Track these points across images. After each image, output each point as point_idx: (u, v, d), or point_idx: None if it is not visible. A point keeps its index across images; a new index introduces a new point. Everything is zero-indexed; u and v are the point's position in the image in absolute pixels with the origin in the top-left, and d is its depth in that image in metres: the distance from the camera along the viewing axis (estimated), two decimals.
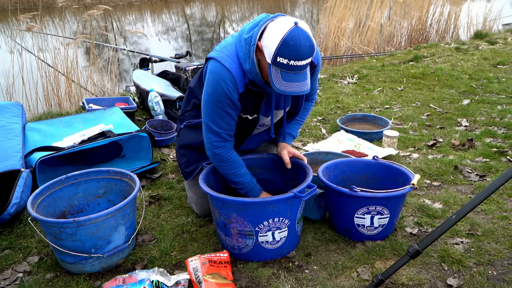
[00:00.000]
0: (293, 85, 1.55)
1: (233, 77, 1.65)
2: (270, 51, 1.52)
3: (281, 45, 1.48)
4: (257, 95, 1.74)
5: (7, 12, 7.14)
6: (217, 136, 1.77)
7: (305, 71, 1.57)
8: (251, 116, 1.81)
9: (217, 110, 1.71)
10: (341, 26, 6.56)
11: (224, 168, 1.84)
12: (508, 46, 6.24)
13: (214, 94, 1.68)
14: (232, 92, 1.67)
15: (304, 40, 1.48)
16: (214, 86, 1.67)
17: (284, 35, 1.48)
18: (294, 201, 1.69)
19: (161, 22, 12.77)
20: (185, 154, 2.06)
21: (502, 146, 2.85)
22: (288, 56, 1.49)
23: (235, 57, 1.67)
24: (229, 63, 1.65)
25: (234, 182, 1.86)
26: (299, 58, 1.49)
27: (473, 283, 1.62)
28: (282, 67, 1.51)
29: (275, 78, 1.54)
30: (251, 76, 1.65)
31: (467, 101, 3.87)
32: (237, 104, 1.72)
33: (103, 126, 2.72)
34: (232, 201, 1.66)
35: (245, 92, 1.70)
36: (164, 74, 3.91)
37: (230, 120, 1.76)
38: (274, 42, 1.50)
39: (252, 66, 1.62)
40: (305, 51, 1.49)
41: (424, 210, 2.13)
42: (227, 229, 1.74)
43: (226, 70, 1.65)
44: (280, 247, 1.77)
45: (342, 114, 3.57)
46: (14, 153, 2.31)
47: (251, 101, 1.75)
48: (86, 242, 1.64)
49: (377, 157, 2.09)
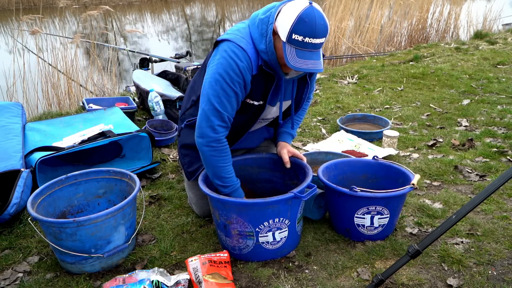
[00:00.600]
0: (307, 62, 1.55)
1: (249, 57, 1.65)
2: (285, 29, 1.53)
3: (297, 21, 1.50)
4: (268, 78, 1.73)
5: (7, 12, 7.14)
6: (220, 118, 1.71)
7: (318, 51, 1.58)
8: (257, 102, 1.79)
9: (227, 89, 1.67)
10: (341, 26, 6.56)
11: (216, 159, 1.75)
12: (508, 46, 6.24)
13: (227, 72, 1.65)
14: (247, 71, 1.66)
15: (319, 18, 1.51)
16: (228, 64, 1.64)
17: (300, 12, 1.50)
18: (294, 202, 1.69)
19: (161, 22, 12.78)
20: (188, 154, 2.04)
21: (502, 146, 2.85)
22: (304, 33, 1.50)
23: (249, 39, 1.67)
24: (244, 44, 1.65)
25: (221, 178, 1.78)
26: (314, 35, 1.51)
27: (473, 283, 1.62)
28: (297, 44, 1.52)
29: (290, 55, 1.54)
30: (266, 56, 1.65)
31: (467, 101, 3.87)
32: (248, 86, 1.70)
33: (103, 126, 2.72)
34: (232, 202, 1.66)
35: (257, 75, 1.70)
36: (164, 74, 3.91)
37: (235, 103, 1.72)
38: (290, 19, 1.51)
39: (269, 46, 1.62)
40: (320, 29, 1.51)
41: (424, 210, 2.13)
42: (227, 230, 1.74)
43: (242, 50, 1.64)
44: (280, 247, 1.77)
45: (342, 114, 3.57)
46: (14, 153, 2.31)
47: (262, 85, 1.74)
48: (86, 242, 1.64)
49: (377, 157, 2.09)
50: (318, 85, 4.61)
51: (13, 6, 10.60)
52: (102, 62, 5.06)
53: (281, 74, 1.73)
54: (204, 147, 1.74)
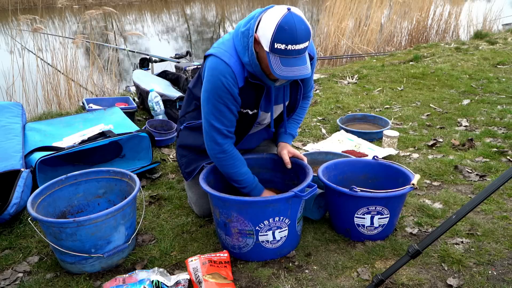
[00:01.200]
0: (293, 69, 1.55)
1: (232, 71, 1.65)
2: (267, 39, 1.52)
3: (277, 30, 1.49)
4: (257, 88, 1.74)
5: (7, 12, 7.14)
6: (219, 133, 1.77)
7: (303, 56, 1.57)
8: (251, 111, 1.80)
9: (218, 106, 1.71)
10: (341, 26, 6.56)
11: (226, 167, 1.83)
12: (508, 46, 6.24)
13: (214, 90, 1.68)
14: (232, 87, 1.67)
15: (299, 23, 1.49)
16: (214, 82, 1.67)
17: (279, 21, 1.49)
18: (294, 201, 1.69)
19: (161, 22, 12.77)
20: (185, 155, 2.06)
21: (502, 146, 2.85)
22: (285, 41, 1.49)
23: (234, 52, 1.68)
24: (227, 58, 1.66)
25: (237, 181, 1.85)
26: (296, 41, 1.50)
27: (473, 283, 1.62)
28: (280, 53, 1.52)
29: (275, 65, 1.54)
30: (251, 68, 1.66)
31: (467, 101, 3.87)
32: (237, 99, 1.72)
33: (103, 126, 2.71)
34: (232, 200, 1.66)
35: (245, 86, 1.71)
36: (164, 74, 3.91)
37: (231, 116, 1.75)
38: (270, 29, 1.50)
39: (252, 58, 1.63)
40: (301, 35, 1.50)
41: (424, 210, 2.13)
42: (227, 228, 1.74)
43: (225, 64, 1.65)
44: (280, 246, 1.77)
45: (342, 114, 3.57)
46: (14, 153, 2.31)
47: (251, 95, 1.75)
48: (86, 242, 1.64)
49: (377, 157, 2.09)
50: (318, 85, 4.61)
51: (12, 6, 10.60)
52: (102, 62, 5.06)
53: (269, 83, 1.73)
54: (214, 158, 1.85)
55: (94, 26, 7.80)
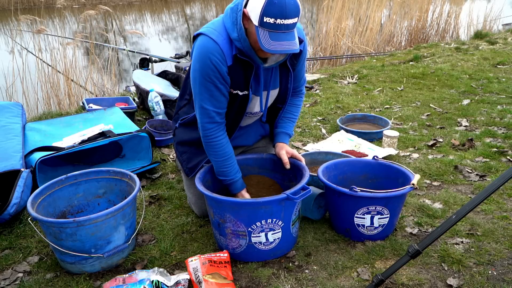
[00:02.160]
0: (282, 43, 1.54)
1: (220, 49, 1.65)
2: (256, 13, 1.52)
3: (266, 4, 1.49)
4: (246, 67, 1.73)
5: (7, 12, 7.14)
6: (208, 116, 1.76)
7: (292, 32, 1.57)
8: (242, 92, 1.78)
9: (206, 85, 1.70)
10: (340, 26, 6.56)
11: (213, 153, 1.83)
12: (508, 46, 6.24)
13: (202, 68, 1.68)
14: (221, 64, 1.67)
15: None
16: (201, 59, 1.67)
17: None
18: (287, 203, 1.68)
19: (161, 22, 12.77)
20: (185, 151, 2.05)
21: (502, 146, 2.85)
22: (275, 15, 1.50)
23: (223, 30, 1.68)
24: (216, 36, 1.66)
25: (220, 172, 1.86)
26: (285, 16, 1.50)
27: (473, 283, 1.62)
28: (269, 27, 1.52)
29: (264, 39, 1.54)
30: (240, 44, 1.65)
31: (467, 101, 3.87)
32: (226, 78, 1.71)
33: (103, 126, 2.71)
34: (225, 201, 1.66)
35: (234, 65, 1.70)
36: (164, 74, 3.91)
37: (220, 96, 1.74)
38: (259, 3, 1.51)
39: (240, 32, 1.63)
40: (291, 9, 1.50)
41: (424, 210, 2.13)
42: (221, 228, 1.75)
43: (213, 42, 1.65)
44: (274, 248, 1.76)
45: (342, 114, 3.57)
46: (14, 153, 2.31)
47: (241, 74, 1.74)
48: (86, 242, 1.64)
49: (377, 157, 2.09)
50: (318, 85, 4.61)
51: (12, 6, 10.60)
52: (102, 62, 5.06)
53: (258, 61, 1.72)
54: (204, 141, 1.85)
55: (94, 26, 7.80)
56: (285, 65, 1.83)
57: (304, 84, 2.05)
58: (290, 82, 1.90)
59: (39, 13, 5.15)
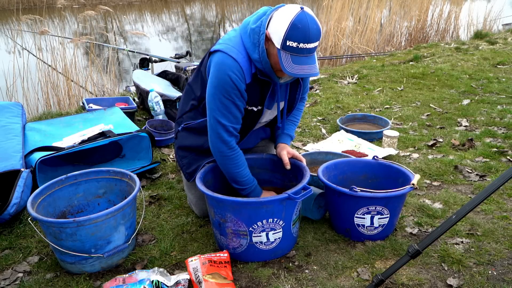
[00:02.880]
0: (304, 67, 1.57)
1: (240, 67, 1.66)
2: (279, 36, 1.54)
3: (290, 28, 1.51)
4: (263, 85, 1.75)
5: (7, 12, 7.14)
6: (225, 130, 1.76)
7: (313, 55, 1.59)
8: (256, 108, 1.81)
9: (224, 102, 1.71)
10: (340, 26, 6.56)
11: (229, 166, 1.83)
12: (508, 46, 6.24)
13: (221, 85, 1.68)
14: (240, 82, 1.68)
15: (312, 23, 1.52)
16: (221, 77, 1.67)
17: (293, 19, 1.52)
18: (288, 203, 1.68)
19: (161, 22, 12.78)
20: (186, 156, 2.05)
21: (502, 146, 2.85)
22: (298, 39, 1.52)
23: (242, 48, 1.68)
24: (235, 54, 1.67)
25: (237, 182, 1.85)
26: (308, 40, 1.53)
27: (473, 283, 1.62)
28: (292, 50, 1.54)
29: (286, 62, 1.56)
30: (260, 65, 1.67)
31: (467, 101, 3.87)
32: (244, 95, 1.72)
33: (103, 126, 2.71)
34: (226, 200, 1.66)
35: (252, 83, 1.72)
36: (164, 74, 3.91)
37: (237, 113, 1.75)
38: (283, 26, 1.53)
39: (262, 55, 1.64)
40: (314, 34, 1.53)
41: (424, 210, 2.13)
42: (222, 228, 1.75)
43: (233, 60, 1.66)
44: (274, 248, 1.77)
45: (342, 114, 3.57)
46: (14, 153, 2.31)
47: (257, 92, 1.76)
48: (86, 242, 1.64)
49: (377, 157, 2.09)
50: (318, 85, 4.61)
51: (13, 6, 10.60)
52: (102, 62, 5.06)
53: (276, 80, 1.75)
54: (217, 156, 1.83)
55: (94, 26, 7.80)
56: (297, 79, 1.87)
57: (307, 92, 2.08)
58: (299, 93, 1.94)
59: (40, 13, 5.15)
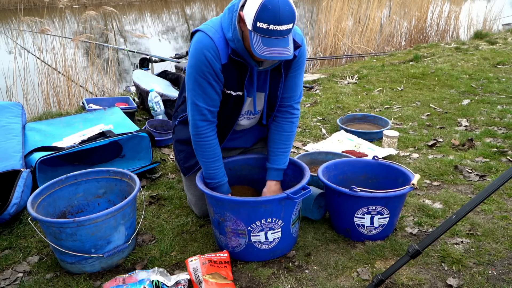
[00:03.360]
0: (274, 50, 1.52)
1: (216, 46, 1.65)
2: (250, 17, 1.51)
3: (260, 9, 1.48)
4: (240, 68, 1.72)
5: (7, 12, 7.14)
6: (199, 113, 1.75)
7: (286, 37, 1.55)
8: (235, 92, 1.77)
9: (200, 81, 1.70)
10: (340, 26, 6.56)
11: (201, 153, 1.82)
12: (508, 46, 6.24)
13: (197, 64, 1.68)
14: (215, 61, 1.66)
15: (283, 4, 1.48)
16: (196, 56, 1.67)
17: (263, 0, 1.48)
18: (287, 202, 1.68)
19: (161, 22, 12.78)
20: (183, 150, 2.05)
21: (502, 146, 2.85)
22: (268, 20, 1.48)
23: (219, 28, 1.68)
24: (212, 33, 1.66)
25: (208, 174, 1.84)
26: (279, 22, 1.48)
27: (473, 283, 1.62)
28: (262, 32, 1.50)
29: (256, 44, 1.52)
30: (234, 44, 1.65)
31: (467, 101, 3.87)
32: (219, 75, 1.70)
33: (103, 126, 2.71)
34: (225, 199, 1.66)
35: (228, 64, 1.69)
36: (164, 74, 3.91)
37: (213, 94, 1.73)
38: (254, 7, 1.50)
39: (234, 33, 1.62)
40: (285, 15, 1.48)
41: (424, 210, 2.13)
42: (221, 227, 1.75)
43: (209, 39, 1.65)
44: (273, 247, 1.76)
45: (342, 114, 3.57)
46: (14, 153, 2.31)
47: (234, 74, 1.73)
48: (86, 242, 1.64)
49: (377, 157, 2.09)
50: (318, 85, 4.61)
51: (12, 6, 10.60)
52: (102, 62, 5.06)
53: (252, 64, 1.70)
54: (192, 139, 1.84)
55: (94, 26, 7.80)
56: (279, 69, 1.79)
57: (299, 100, 1.93)
58: (281, 87, 1.84)
59: (41, 13, 5.15)
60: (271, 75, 1.80)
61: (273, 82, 1.82)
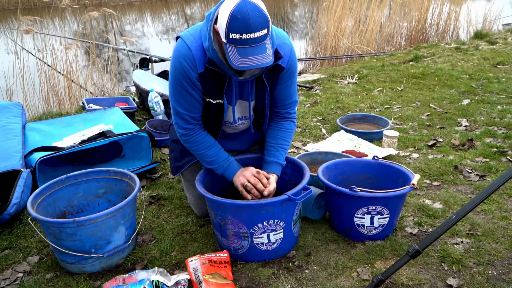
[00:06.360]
0: (250, 59, 1.49)
1: (192, 54, 1.64)
2: (222, 30, 1.48)
3: (230, 20, 1.44)
4: (218, 77, 1.70)
5: (7, 12, 7.13)
6: (181, 118, 1.77)
7: (263, 44, 1.50)
8: (214, 101, 1.76)
9: (178, 89, 1.71)
10: (340, 26, 6.56)
11: (193, 149, 1.85)
12: (508, 46, 6.24)
13: (174, 73, 1.69)
14: (190, 70, 1.66)
15: (252, 11, 1.44)
16: (174, 64, 1.68)
17: (232, 10, 1.44)
18: (289, 204, 1.68)
19: (161, 22, 12.78)
20: (174, 149, 2.07)
21: (502, 146, 2.85)
22: (239, 30, 1.44)
23: (198, 36, 1.66)
24: (191, 42, 1.65)
25: (207, 163, 1.86)
26: (250, 30, 1.44)
27: (473, 283, 1.62)
28: (236, 42, 1.47)
29: (232, 55, 1.49)
30: (210, 54, 1.63)
31: (467, 101, 3.87)
32: (196, 84, 1.70)
33: (103, 126, 2.71)
34: (226, 203, 1.65)
35: (205, 73, 1.67)
36: (164, 74, 3.91)
37: (192, 101, 1.74)
38: (224, 19, 1.47)
39: (209, 42, 1.60)
40: (256, 22, 1.44)
41: (424, 210, 2.13)
42: (222, 230, 1.75)
43: (187, 47, 1.65)
44: (275, 248, 1.77)
45: (342, 114, 3.57)
46: (14, 153, 2.31)
47: (213, 83, 1.71)
48: (86, 242, 1.64)
49: (377, 157, 2.09)
50: (318, 85, 4.61)
51: (12, 6, 10.60)
52: (102, 62, 5.06)
53: (229, 73, 1.68)
54: (182, 141, 1.87)
55: (94, 26, 7.80)
56: (261, 79, 1.75)
57: (294, 107, 1.92)
58: (267, 98, 1.81)
59: (41, 13, 5.15)
60: (256, 84, 1.78)
61: (259, 92, 1.80)
